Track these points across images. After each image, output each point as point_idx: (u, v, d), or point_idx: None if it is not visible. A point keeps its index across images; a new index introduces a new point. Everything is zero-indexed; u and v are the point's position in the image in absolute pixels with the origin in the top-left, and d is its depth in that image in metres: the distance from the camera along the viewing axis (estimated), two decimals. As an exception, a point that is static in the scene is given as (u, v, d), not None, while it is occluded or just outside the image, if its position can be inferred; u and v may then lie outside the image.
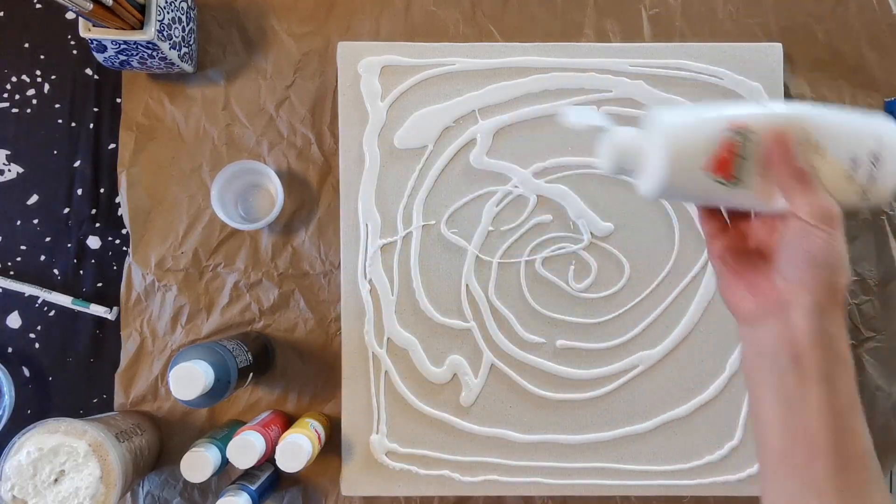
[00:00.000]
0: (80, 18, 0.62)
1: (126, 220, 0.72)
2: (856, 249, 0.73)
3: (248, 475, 0.67)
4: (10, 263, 0.73)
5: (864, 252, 0.73)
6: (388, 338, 0.71)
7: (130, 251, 0.72)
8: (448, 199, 0.72)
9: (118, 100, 0.74)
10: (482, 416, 0.71)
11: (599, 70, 0.72)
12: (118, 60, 0.67)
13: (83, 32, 0.63)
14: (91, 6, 0.58)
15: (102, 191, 0.74)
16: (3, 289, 0.72)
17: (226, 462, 0.64)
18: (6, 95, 0.74)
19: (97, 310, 0.72)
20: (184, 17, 0.69)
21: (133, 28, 0.63)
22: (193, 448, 0.63)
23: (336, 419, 0.72)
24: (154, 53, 0.66)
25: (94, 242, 0.73)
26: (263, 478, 0.67)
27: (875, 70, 0.74)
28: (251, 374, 0.65)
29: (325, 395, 0.72)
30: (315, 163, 0.73)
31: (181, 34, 0.68)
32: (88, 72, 0.74)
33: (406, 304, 0.71)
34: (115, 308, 0.73)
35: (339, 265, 0.72)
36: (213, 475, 0.63)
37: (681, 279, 0.72)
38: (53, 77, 0.74)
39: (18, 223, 0.73)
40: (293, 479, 0.72)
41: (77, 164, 0.74)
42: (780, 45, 0.72)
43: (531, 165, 0.72)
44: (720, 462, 0.70)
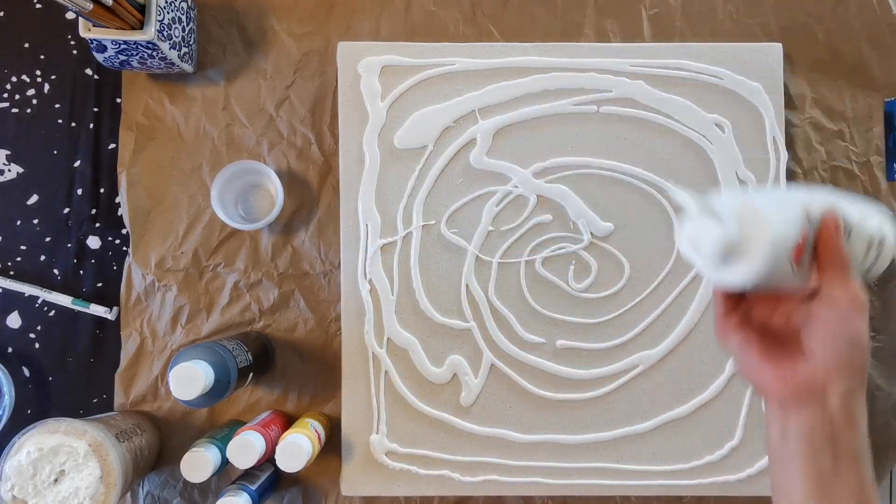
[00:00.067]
0: (80, 18, 0.62)
1: (126, 220, 0.72)
2: (856, 249, 0.73)
3: (248, 475, 0.67)
4: (10, 263, 0.73)
5: (864, 252, 0.73)
6: (388, 338, 0.71)
7: (130, 251, 0.72)
8: (448, 199, 0.72)
9: (118, 100, 0.74)
10: (482, 416, 0.71)
11: (599, 70, 0.72)
12: (118, 60, 0.67)
13: (83, 32, 0.63)
14: (91, 6, 0.58)
15: (102, 191, 0.74)
16: (3, 289, 0.72)
17: (226, 462, 0.64)
18: (6, 95, 0.74)
19: (97, 310, 0.72)
20: (184, 17, 0.69)
21: (133, 28, 0.63)
22: (193, 448, 0.63)
23: (336, 419, 0.72)
24: (154, 53, 0.66)
25: (94, 242, 0.73)
26: (263, 478, 0.68)
27: (875, 70, 0.74)
28: (251, 374, 0.65)
29: (325, 395, 0.72)
30: (315, 163, 0.73)
31: (181, 34, 0.68)
32: (88, 72, 0.74)
33: (406, 304, 0.71)
34: (115, 308, 0.73)
35: (339, 265, 0.72)
36: (213, 475, 0.63)
37: (681, 279, 0.72)
38: (53, 77, 0.74)
39: (18, 223, 0.73)
40: (293, 479, 0.72)
41: (77, 164, 0.74)
42: (780, 45, 0.72)
43: (531, 165, 0.72)
44: (720, 462, 0.70)
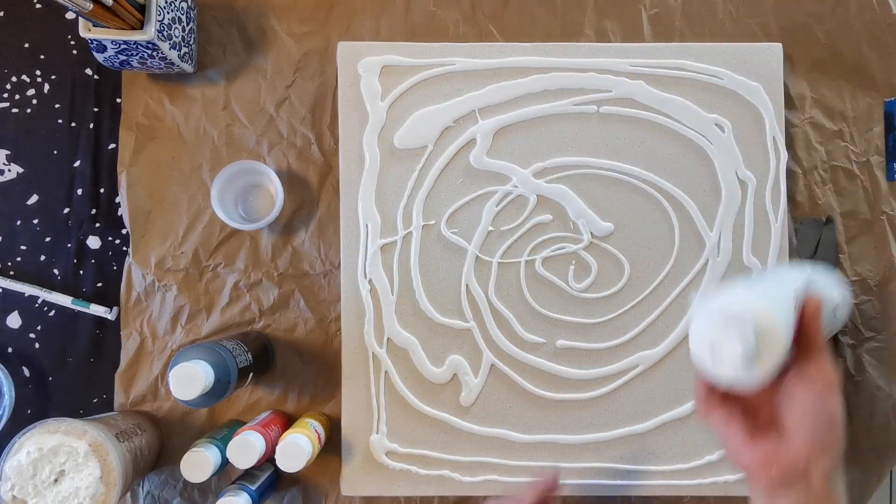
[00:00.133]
0: (80, 18, 0.62)
1: (126, 220, 0.72)
2: (856, 249, 0.73)
3: (248, 475, 0.67)
4: (10, 263, 0.73)
5: (864, 252, 0.73)
6: (388, 338, 0.71)
7: (130, 251, 0.72)
8: (448, 199, 0.72)
9: (118, 100, 0.74)
10: (482, 416, 0.71)
11: (599, 70, 0.72)
12: (118, 60, 0.67)
13: (83, 32, 0.63)
14: (91, 6, 0.58)
15: (102, 191, 0.74)
16: (3, 289, 0.72)
17: (226, 462, 0.64)
18: (6, 95, 0.74)
19: (97, 310, 0.72)
20: (184, 17, 0.69)
21: (133, 28, 0.63)
22: (193, 448, 0.63)
23: (336, 419, 0.72)
24: (154, 53, 0.66)
25: (94, 242, 0.73)
26: (263, 478, 0.68)
27: (875, 70, 0.74)
28: (251, 374, 0.65)
29: (325, 395, 0.72)
30: (315, 163, 0.73)
31: (181, 34, 0.68)
32: (88, 72, 0.74)
33: (406, 304, 0.71)
34: (115, 308, 0.73)
35: (339, 265, 0.72)
36: (213, 475, 0.63)
37: (681, 279, 0.72)
38: (53, 77, 0.74)
39: (18, 223, 0.73)
40: (293, 479, 0.72)
41: (77, 164, 0.74)
42: (780, 45, 0.72)
43: (531, 165, 0.72)
44: (720, 462, 0.70)
